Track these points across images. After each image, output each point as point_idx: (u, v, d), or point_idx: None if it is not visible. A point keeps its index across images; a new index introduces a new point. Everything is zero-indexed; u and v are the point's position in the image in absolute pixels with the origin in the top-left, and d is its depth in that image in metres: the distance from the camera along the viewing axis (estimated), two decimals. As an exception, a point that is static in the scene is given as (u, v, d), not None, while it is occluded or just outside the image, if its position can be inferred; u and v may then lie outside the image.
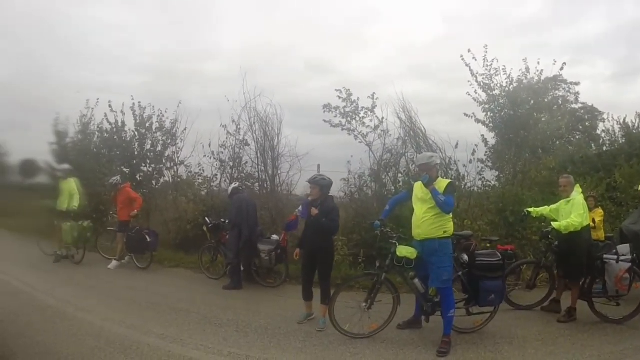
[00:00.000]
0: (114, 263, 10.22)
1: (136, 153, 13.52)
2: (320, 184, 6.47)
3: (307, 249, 6.51)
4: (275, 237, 8.91)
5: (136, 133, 13.49)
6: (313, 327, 6.19)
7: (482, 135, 11.81)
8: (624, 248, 6.74)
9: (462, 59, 11.62)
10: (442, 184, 5.56)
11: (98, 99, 14.45)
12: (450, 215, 5.61)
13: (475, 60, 11.53)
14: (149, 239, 9.96)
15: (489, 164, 12.19)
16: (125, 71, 40.07)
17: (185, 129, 13.35)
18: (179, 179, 13.47)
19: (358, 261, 9.08)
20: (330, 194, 6.70)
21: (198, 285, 8.87)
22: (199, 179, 12.95)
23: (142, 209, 10.77)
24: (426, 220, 5.47)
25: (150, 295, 7.78)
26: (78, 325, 5.99)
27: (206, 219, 9.99)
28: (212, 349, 5.35)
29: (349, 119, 11.04)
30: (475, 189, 11.15)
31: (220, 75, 40.80)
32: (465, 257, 6.08)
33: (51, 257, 10.54)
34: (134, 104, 13.26)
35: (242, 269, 8.70)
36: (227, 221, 9.19)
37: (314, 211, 6.24)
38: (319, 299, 6.35)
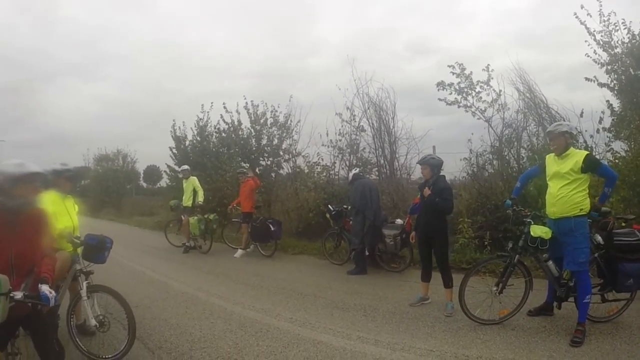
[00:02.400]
0: (240, 252, 10.70)
1: (254, 148, 14.22)
2: (431, 164, 6.37)
3: (421, 231, 6.44)
4: (399, 221, 8.85)
5: (252, 130, 14.25)
6: (441, 312, 6.06)
7: (607, 101, 10.74)
8: None
9: (576, 17, 10.63)
10: (577, 156, 5.13)
11: (212, 103, 15.61)
12: (587, 192, 5.18)
13: (591, 16, 10.50)
14: (272, 228, 10.24)
15: (616, 133, 11.12)
16: (233, 77, 41.75)
17: (299, 122, 13.85)
18: (298, 169, 13.84)
19: (484, 244, 8.72)
20: (441, 174, 6.51)
21: (323, 271, 9.03)
22: (317, 168, 13.25)
23: (263, 201, 11.13)
24: (562, 197, 5.09)
25: (277, 281, 8.03)
26: (210, 310, 6.32)
27: (329, 206, 10.16)
28: (341, 332, 5.36)
29: (464, 94, 10.58)
30: (606, 161, 10.21)
31: (323, 70, 41.36)
32: (599, 238, 5.55)
33: (181, 249, 11.37)
34: (247, 103, 14.02)
35: (366, 254, 8.70)
36: (349, 207, 9.27)
37: (427, 191, 6.20)
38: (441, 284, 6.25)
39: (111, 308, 4.73)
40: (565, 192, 5.05)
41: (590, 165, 5.02)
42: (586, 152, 5.22)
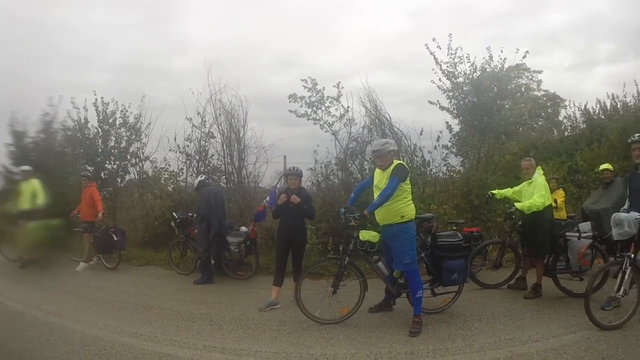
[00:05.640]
0: (82, 265, 9.99)
1: (100, 150, 13.15)
2: (300, 175, 7.02)
3: (285, 236, 6.79)
4: (244, 228, 8.92)
5: (99, 129, 13.13)
6: (286, 316, 6.26)
7: (447, 122, 12.10)
8: (585, 226, 6.98)
9: (427, 48, 11.86)
10: (392, 166, 5.68)
11: (61, 96, 13.77)
12: (408, 199, 5.73)
13: (440, 48, 11.81)
14: (115, 238, 9.80)
15: (454, 150, 12.47)
16: (93, 70, 39.10)
17: (149, 124, 13.12)
18: (144, 175, 13.27)
19: (327, 249, 9.16)
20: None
21: (169, 282, 8.82)
22: (164, 174, 12.81)
23: (106, 209, 10.59)
24: (385, 206, 5.56)
25: (121, 295, 7.69)
26: (50, 330, 5.86)
27: (173, 214, 9.90)
28: (187, 343, 5.34)
29: (314, 108, 11.11)
30: (441, 174, 11.39)
31: (188, 70, 40.33)
32: (428, 239, 6.27)
33: (17, 263, 10.23)
34: (96, 99, 12.94)
35: (212, 262, 8.68)
36: (194, 215, 9.15)
37: (296, 199, 6.61)
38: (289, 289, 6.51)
39: None
40: (387, 202, 5.54)
41: (393, 171, 5.57)
42: (398, 162, 5.80)
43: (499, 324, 5.80)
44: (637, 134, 5.91)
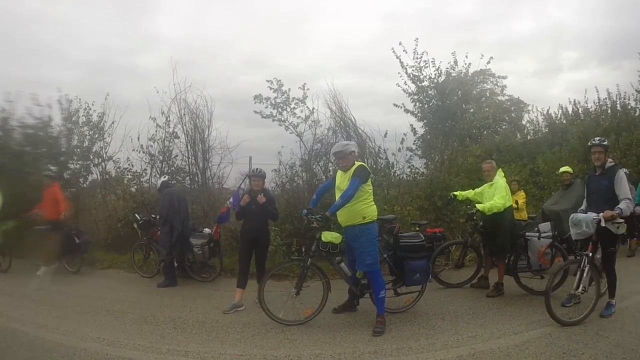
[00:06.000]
0: (43, 268, 9.52)
1: (63, 149, 12.78)
2: (263, 176, 7.04)
3: (249, 237, 6.80)
4: (207, 230, 8.88)
5: (63, 128, 12.77)
6: (251, 318, 6.26)
7: (411, 125, 12.26)
8: (545, 226, 7.17)
9: (393, 51, 12.01)
10: (353, 168, 5.73)
11: (20, 91, 12.93)
12: (370, 200, 5.78)
13: (406, 52, 11.96)
14: (77, 240, 9.64)
15: (419, 153, 12.67)
16: (60, 66, 37.98)
17: (113, 123, 12.80)
18: (107, 176, 12.96)
19: (292, 250, 9.15)
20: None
21: (132, 285, 8.70)
22: (128, 175, 12.60)
23: (69, 210, 10.29)
24: (346, 207, 5.60)
25: (84, 299, 7.56)
26: (11, 337, 5.71)
27: (136, 215, 9.78)
28: (150, 347, 5.30)
29: (279, 109, 11.15)
30: (404, 176, 11.55)
31: (155, 68, 39.62)
32: (390, 240, 6.37)
33: None
34: (61, 96, 12.65)
35: (175, 265, 8.60)
36: (157, 217, 9.05)
37: (262, 199, 6.66)
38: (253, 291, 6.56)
39: None
40: (349, 203, 5.58)
41: (355, 172, 5.63)
42: (360, 163, 5.84)
43: (461, 322, 5.93)
44: (597, 138, 6.06)
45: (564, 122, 17.81)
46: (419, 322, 5.98)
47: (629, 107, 15.88)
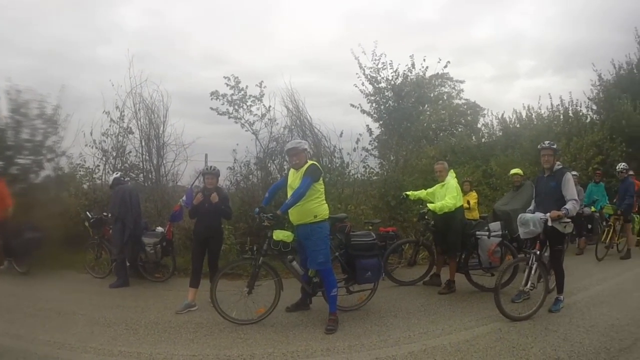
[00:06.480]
0: None
1: (10, 143, 11.99)
2: (217, 174, 7.01)
3: (201, 236, 6.78)
4: (160, 229, 8.76)
5: (11, 120, 11.93)
6: (204, 318, 6.24)
7: (367, 125, 12.50)
8: (496, 225, 7.41)
9: (352, 52, 12.21)
10: (305, 166, 5.79)
11: None
12: (321, 199, 5.85)
13: (365, 54, 12.17)
14: (27, 239, 9.26)
15: (374, 153, 12.88)
16: (9, 54, 36.54)
17: (67, 116, 12.25)
18: (60, 172, 12.48)
19: (245, 249, 9.17)
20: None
21: (83, 286, 8.50)
22: (80, 171, 12.22)
23: (16, 207, 9.91)
24: (297, 206, 5.65)
25: (33, 301, 7.31)
26: None
27: (87, 213, 9.55)
28: (102, 349, 5.22)
29: (236, 107, 11.12)
30: (359, 175, 11.71)
31: (113, 62, 38.65)
32: (341, 239, 6.46)
33: None
34: (9, 86, 11.86)
35: (127, 264, 8.46)
36: (109, 215, 8.85)
37: (215, 197, 6.64)
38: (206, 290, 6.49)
39: None
40: (300, 202, 5.64)
41: (307, 171, 5.69)
42: (312, 162, 5.89)
43: (413, 319, 6.08)
44: (546, 142, 6.32)
45: (518, 126, 18.50)
46: (371, 319, 6.09)
47: (581, 113, 16.75)
